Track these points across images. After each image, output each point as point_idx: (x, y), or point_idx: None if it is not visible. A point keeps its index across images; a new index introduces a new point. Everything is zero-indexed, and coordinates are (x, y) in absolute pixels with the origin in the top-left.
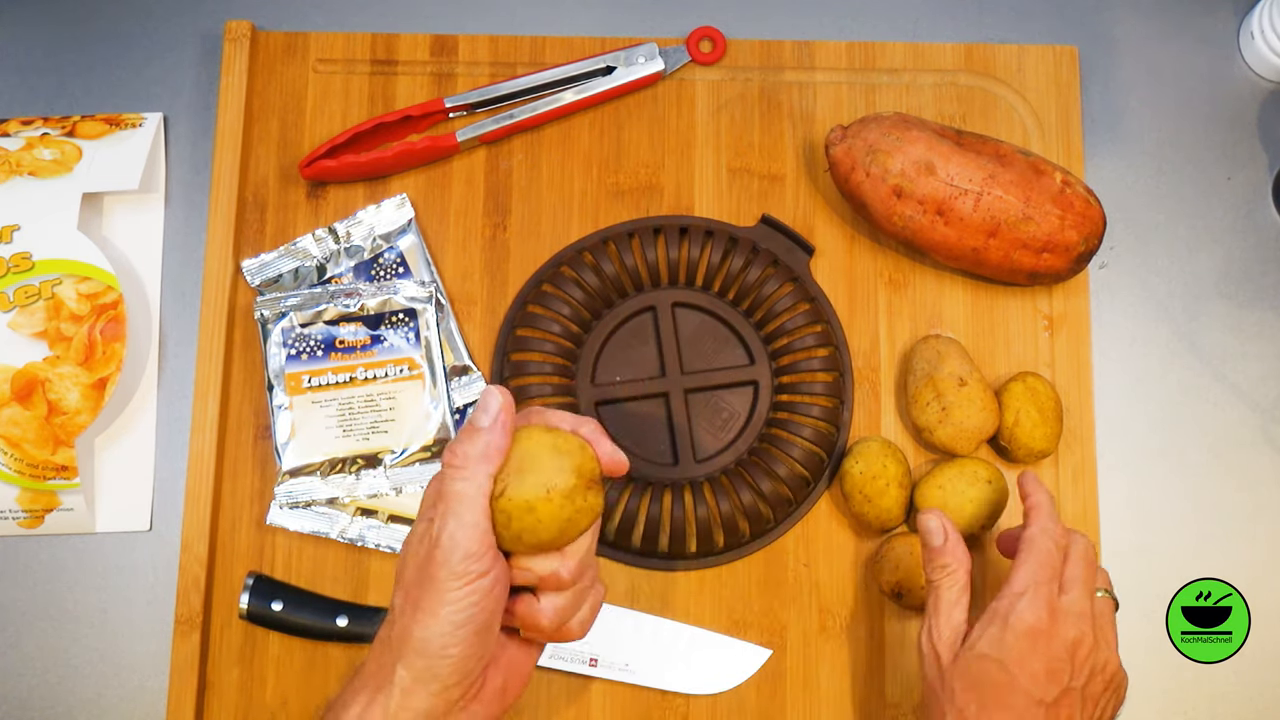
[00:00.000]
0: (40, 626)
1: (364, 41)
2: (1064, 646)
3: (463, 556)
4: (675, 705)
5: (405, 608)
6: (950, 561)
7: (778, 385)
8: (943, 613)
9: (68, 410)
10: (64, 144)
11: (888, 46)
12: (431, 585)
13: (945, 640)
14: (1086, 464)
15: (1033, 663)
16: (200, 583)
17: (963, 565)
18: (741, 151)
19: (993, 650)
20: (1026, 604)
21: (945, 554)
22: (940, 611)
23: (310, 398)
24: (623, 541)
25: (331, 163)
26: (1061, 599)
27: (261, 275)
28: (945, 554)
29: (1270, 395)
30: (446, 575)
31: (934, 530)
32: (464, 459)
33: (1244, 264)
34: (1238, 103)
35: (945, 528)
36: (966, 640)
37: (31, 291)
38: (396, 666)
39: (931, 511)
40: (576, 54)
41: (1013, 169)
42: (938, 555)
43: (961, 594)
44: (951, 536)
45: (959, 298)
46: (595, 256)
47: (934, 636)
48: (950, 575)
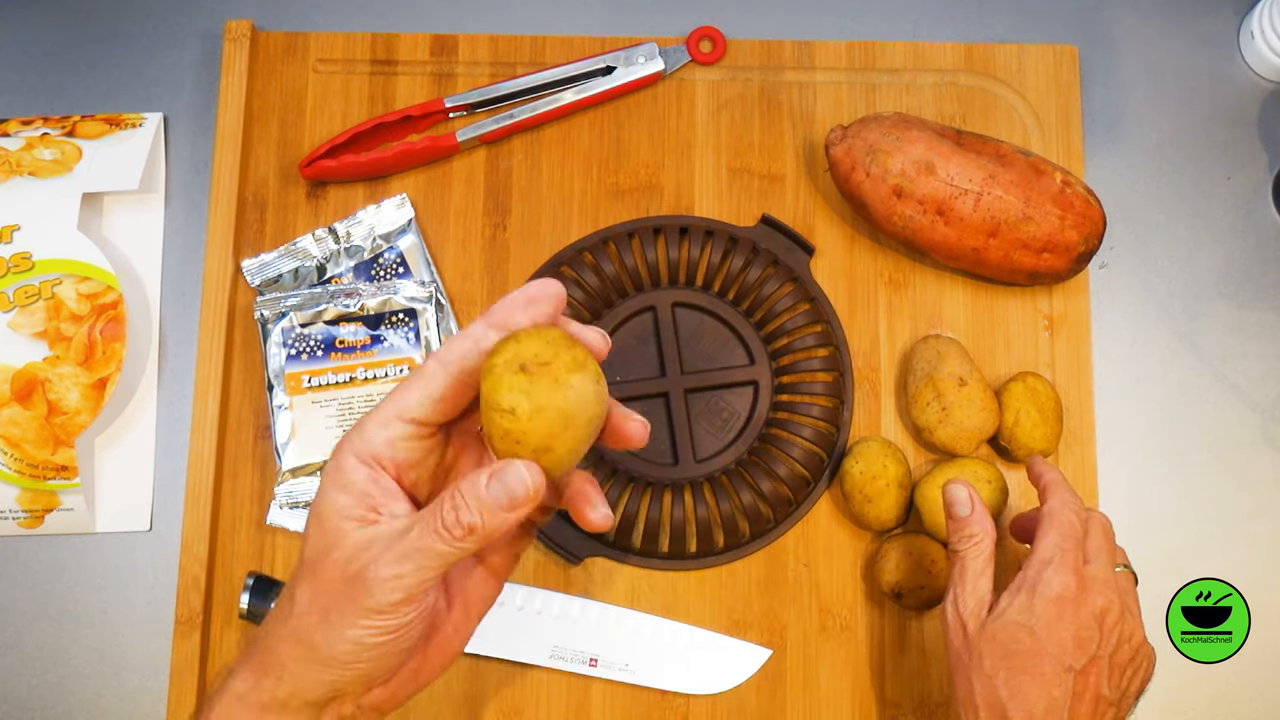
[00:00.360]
0: (40, 626)
1: (364, 41)
2: (1092, 614)
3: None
4: (675, 705)
5: (312, 611)
6: (977, 531)
7: (778, 385)
8: (968, 582)
9: (68, 410)
10: (64, 144)
11: (888, 46)
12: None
13: (970, 609)
14: (1086, 464)
15: (1061, 629)
16: (200, 583)
17: (989, 535)
18: (741, 151)
19: (1021, 617)
20: (1054, 571)
21: (972, 524)
22: (966, 581)
23: (310, 398)
24: (623, 541)
25: (331, 163)
26: (1087, 568)
27: (261, 275)
28: (972, 524)
29: (1270, 395)
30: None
31: (960, 500)
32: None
33: (1244, 264)
34: (1238, 103)
35: (972, 498)
36: (994, 610)
37: (31, 291)
38: (290, 658)
39: (958, 481)
40: (576, 54)
41: (1013, 169)
42: (965, 525)
43: (987, 564)
44: (978, 507)
45: (959, 298)
46: (595, 256)
47: (959, 605)
48: (976, 545)
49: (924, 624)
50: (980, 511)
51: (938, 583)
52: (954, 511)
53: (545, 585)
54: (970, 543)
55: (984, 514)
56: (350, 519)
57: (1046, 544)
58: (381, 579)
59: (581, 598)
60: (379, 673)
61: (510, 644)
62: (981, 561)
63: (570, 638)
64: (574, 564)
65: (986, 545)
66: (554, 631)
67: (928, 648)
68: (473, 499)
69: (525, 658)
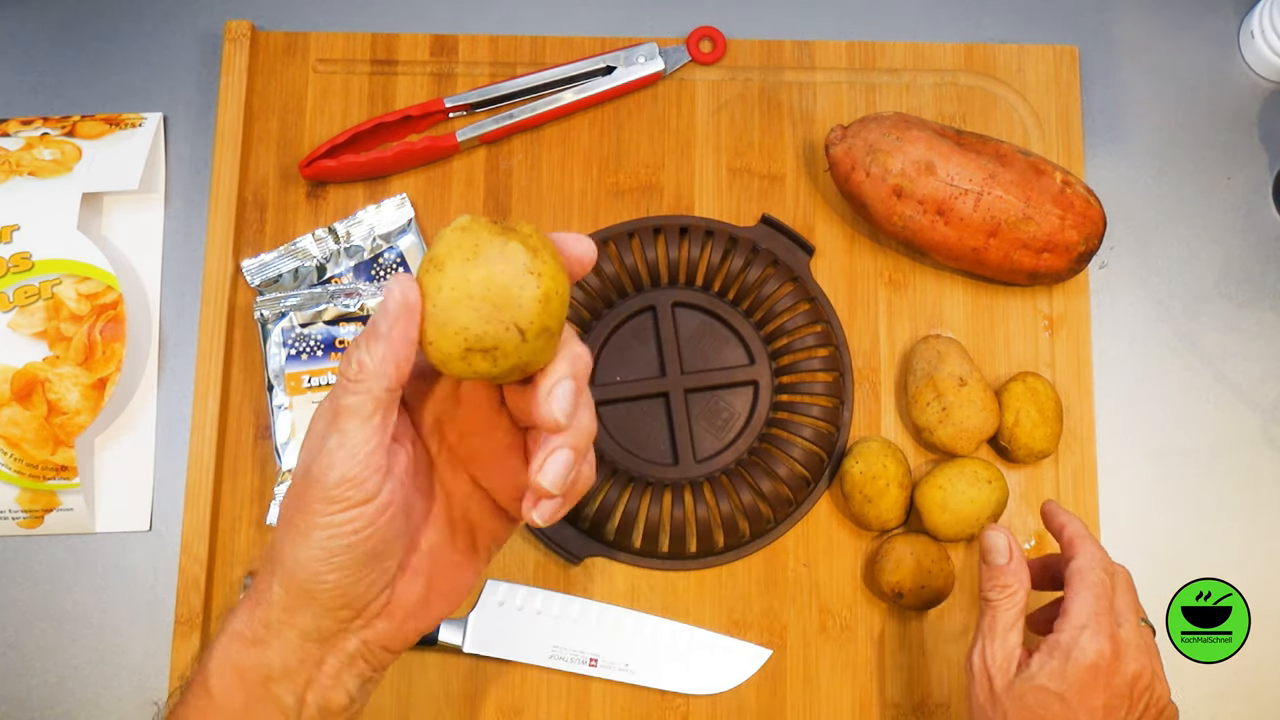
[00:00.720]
0: (40, 626)
1: (364, 41)
2: (1125, 682)
3: (339, 480)
4: (675, 705)
5: (281, 523)
6: (1012, 582)
7: (778, 385)
8: (999, 635)
9: (67, 410)
10: (64, 144)
11: (888, 46)
12: (304, 505)
13: (999, 664)
14: (1086, 464)
15: (1093, 697)
16: (200, 583)
17: (1024, 587)
18: (741, 151)
19: (1053, 684)
20: (1090, 638)
21: (1008, 574)
22: (996, 634)
23: (310, 398)
24: (623, 542)
25: (331, 163)
26: (1120, 632)
27: (261, 275)
28: (1008, 574)
29: (1270, 395)
30: (320, 497)
31: (999, 549)
32: (358, 370)
33: (1244, 264)
34: (1238, 103)
35: (1011, 546)
36: (1024, 670)
37: (31, 291)
38: (273, 582)
39: (998, 528)
40: (576, 54)
41: (1013, 169)
42: (1001, 574)
43: (1019, 617)
44: (1016, 556)
45: (959, 298)
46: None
47: (987, 658)
48: (1010, 596)
49: (924, 624)
50: (1018, 561)
51: (937, 583)
52: (991, 559)
53: (545, 585)
54: (1005, 593)
55: (1021, 564)
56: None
57: (1080, 607)
58: (320, 465)
59: (581, 598)
60: (357, 589)
61: (510, 644)
62: (1014, 614)
63: (570, 638)
64: (574, 564)
65: (1020, 597)
66: (554, 631)
67: (928, 648)
68: (359, 339)
69: (525, 658)
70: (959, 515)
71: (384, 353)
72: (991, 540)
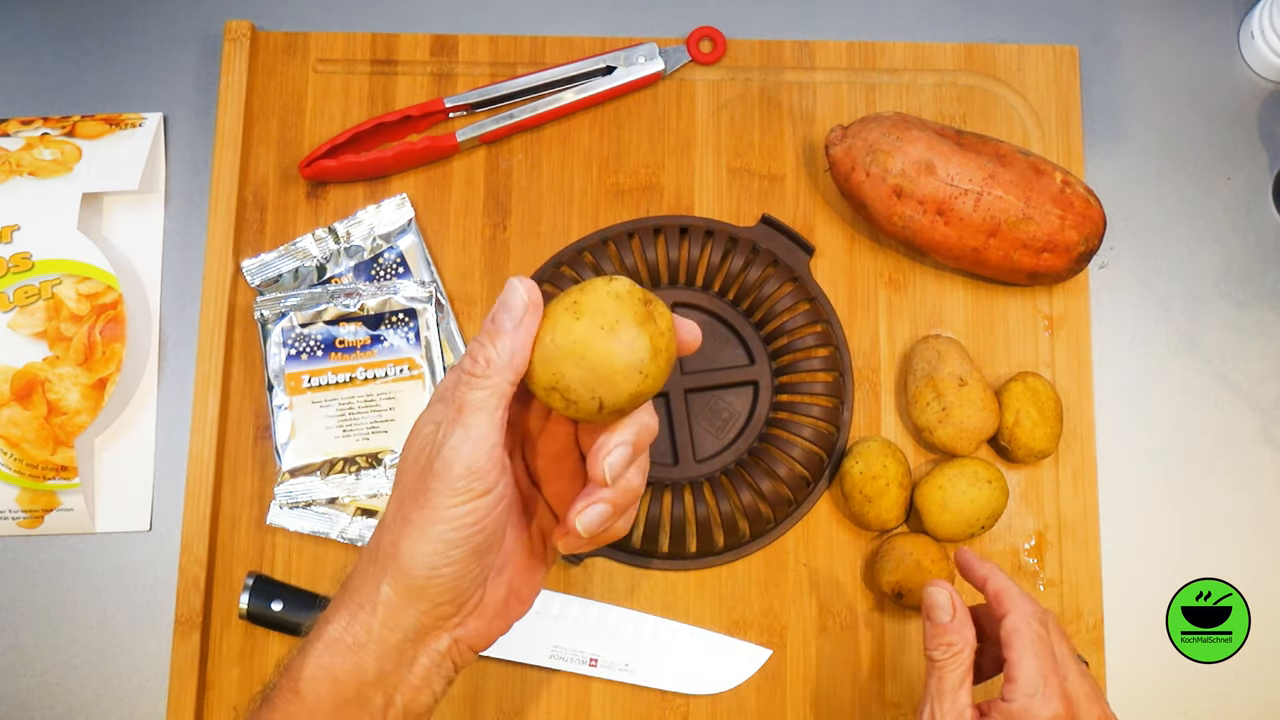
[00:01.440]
0: (40, 626)
1: (364, 41)
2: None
3: (464, 472)
4: (675, 705)
5: (395, 520)
6: (957, 640)
7: (778, 385)
8: (947, 696)
9: (67, 410)
10: (64, 144)
11: (888, 46)
12: (425, 499)
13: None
14: (1086, 464)
15: None
16: (200, 583)
17: (969, 645)
18: (741, 151)
19: None
20: (1042, 704)
21: (951, 631)
22: (945, 695)
23: (310, 398)
24: (623, 541)
25: (331, 163)
26: (1068, 686)
27: (261, 275)
28: (951, 631)
29: (1270, 395)
30: (443, 489)
31: (942, 606)
32: (485, 365)
33: (1244, 264)
34: (1238, 103)
35: (954, 602)
36: None
37: (31, 291)
38: (381, 583)
39: (940, 584)
40: (576, 54)
41: (1013, 169)
42: (944, 632)
43: (966, 676)
44: (960, 613)
45: (959, 298)
46: (595, 256)
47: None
48: (955, 656)
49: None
50: (962, 618)
51: None
52: (934, 616)
53: (545, 585)
54: (949, 652)
55: (965, 620)
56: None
57: (1026, 673)
58: (444, 459)
59: (581, 598)
60: (463, 582)
61: (510, 644)
62: (960, 673)
63: (570, 638)
64: (574, 564)
65: (966, 655)
66: (554, 631)
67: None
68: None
69: (525, 658)
70: (959, 515)
71: (510, 347)
72: (934, 597)
